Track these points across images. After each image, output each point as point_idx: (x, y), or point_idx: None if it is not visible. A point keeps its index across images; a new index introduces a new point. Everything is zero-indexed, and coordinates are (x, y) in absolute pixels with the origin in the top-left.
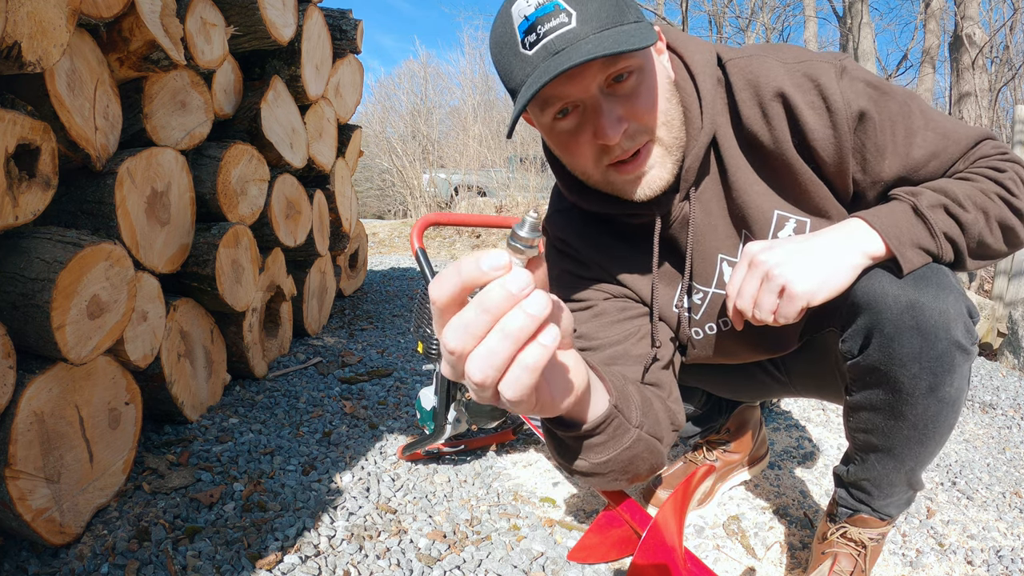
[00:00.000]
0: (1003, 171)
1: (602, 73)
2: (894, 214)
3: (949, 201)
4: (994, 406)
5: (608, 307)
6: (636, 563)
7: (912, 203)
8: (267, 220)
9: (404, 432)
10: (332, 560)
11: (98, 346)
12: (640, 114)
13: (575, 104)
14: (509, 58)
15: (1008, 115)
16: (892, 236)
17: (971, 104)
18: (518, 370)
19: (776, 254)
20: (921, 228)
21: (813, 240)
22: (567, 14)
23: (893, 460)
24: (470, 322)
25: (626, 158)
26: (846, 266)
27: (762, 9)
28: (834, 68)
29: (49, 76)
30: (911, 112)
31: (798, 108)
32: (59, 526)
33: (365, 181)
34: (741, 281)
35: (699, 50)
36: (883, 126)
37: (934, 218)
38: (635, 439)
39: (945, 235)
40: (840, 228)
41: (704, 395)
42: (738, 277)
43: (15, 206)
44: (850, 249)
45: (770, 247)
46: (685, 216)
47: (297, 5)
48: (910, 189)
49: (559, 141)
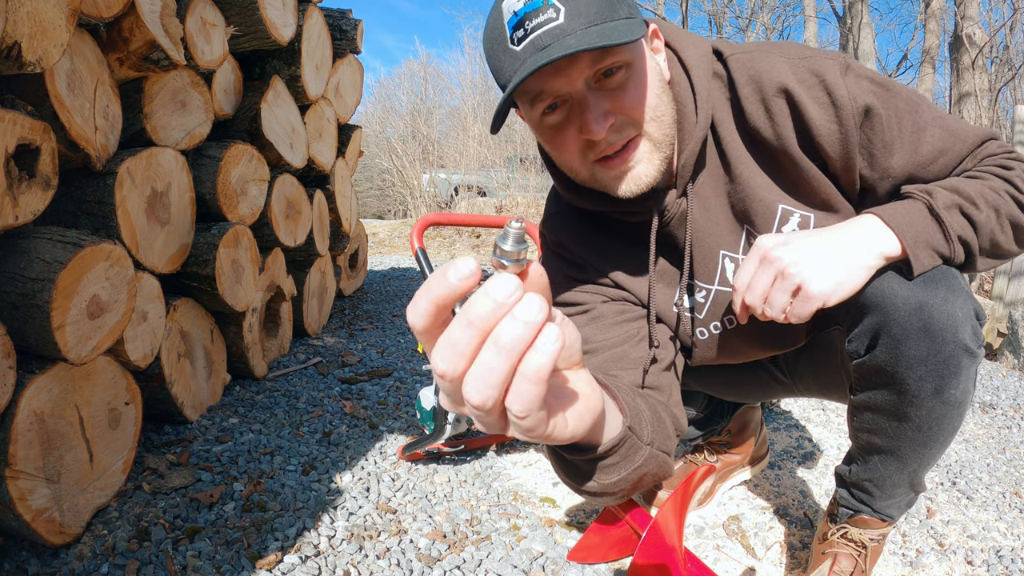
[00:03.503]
0: (1011, 169)
1: (590, 68)
2: (909, 213)
3: (963, 201)
4: (994, 406)
5: (606, 310)
6: (636, 563)
7: (928, 202)
8: (267, 220)
9: (404, 432)
10: (332, 560)
11: (98, 346)
12: (627, 108)
13: (563, 99)
14: (499, 54)
15: (1008, 115)
16: (908, 236)
17: (971, 104)
18: (520, 382)
19: (791, 251)
20: (936, 230)
21: (828, 237)
22: (555, 9)
23: (896, 461)
24: (457, 340)
25: (611, 152)
26: (861, 267)
27: (762, 9)
28: (838, 64)
29: (49, 76)
30: (918, 108)
31: (803, 104)
32: (59, 526)
33: (365, 181)
34: (751, 276)
35: (694, 45)
36: (890, 122)
37: (949, 220)
38: (647, 457)
39: (959, 238)
40: (855, 225)
41: (706, 398)
42: (747, 271)
43: (15, 206)
44: (866, 249)
45: (784, 242)
46: (683, 213)
47: (297, 5)
48: (924, 188)
49: (547, 136)
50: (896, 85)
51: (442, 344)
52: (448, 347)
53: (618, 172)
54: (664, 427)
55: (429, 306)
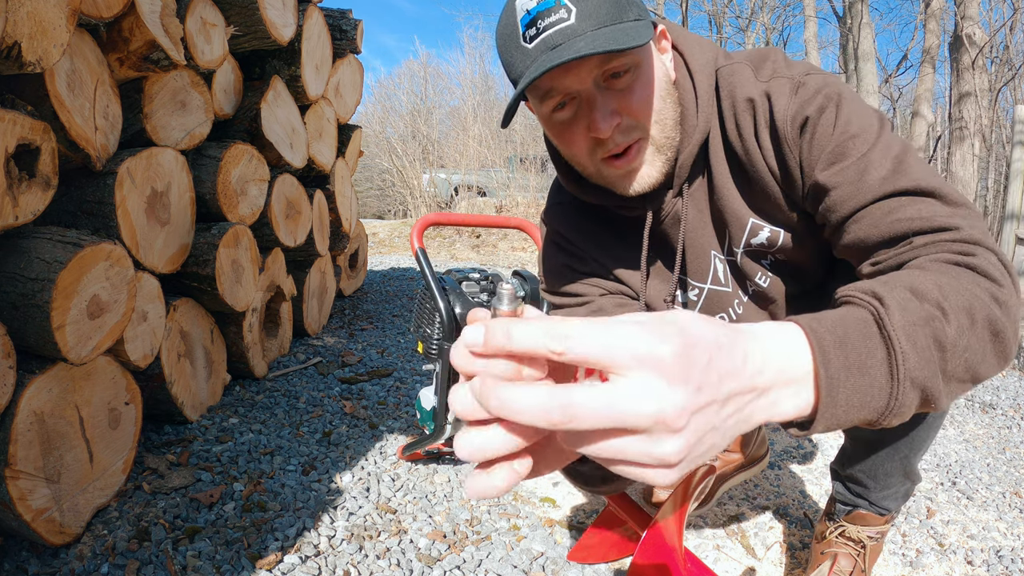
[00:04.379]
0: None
1: (599, 68)
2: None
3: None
4: (994, 406)
5: (604, 303)
6: (636, 563)
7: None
8: (267, 220)
9: (404, 432)
10: (332, 560)
11: (98, 346)
12: (634, 110)
13: (572, 96)
14: (511, 50)
15: (1008, 115)
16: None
17: (971, 104)
18: (502, 469)
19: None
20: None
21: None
22: (567, 10)
23: (885, 448)
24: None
25: (618, 152)
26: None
27: (762, 9)
28: (791, 83)
29: (49, 76)
30: (866, 129)
31: (758, 122)
32: (59, 526)
33: (365, 181)
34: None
35: (701, 51)
36: (825, 129)
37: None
38: None
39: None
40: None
41: None
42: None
43: (15, 206)
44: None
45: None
46: (676, 213)
47: (297, 5)
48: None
49: (556, 131)
50: (855, 106)
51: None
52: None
53: (624, 171)
54: None
55: (465, 369)
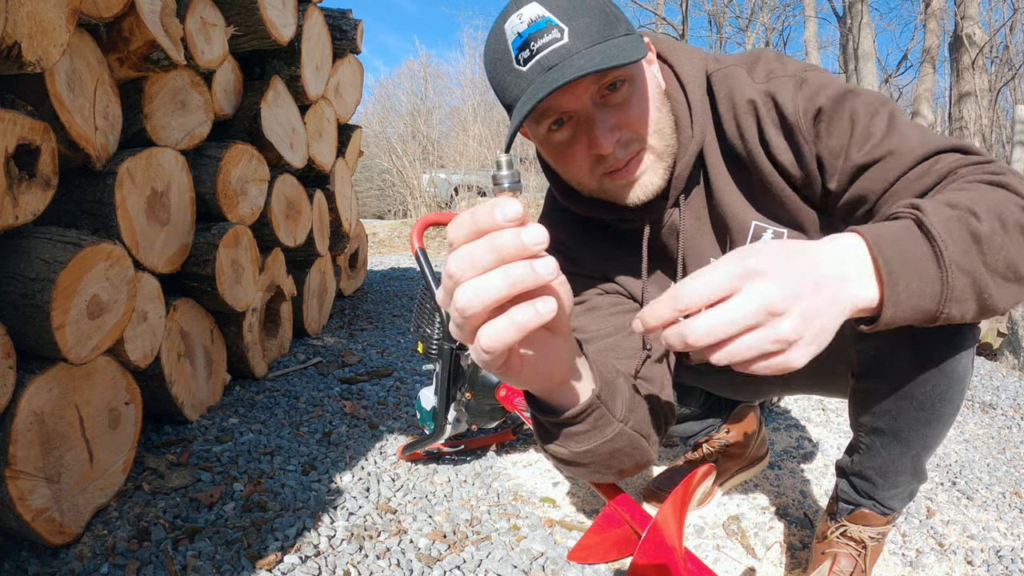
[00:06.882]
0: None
1: (595, 84)
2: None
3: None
4: (994, 406)
5: (601, 302)
6: (636, 563)
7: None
8: (267, 220)
9: (404, 432)
10: (332, 560)
11: (98, 346)
12: (632, 123)
13: (569, 115)
14: (504, 74)
15: (1008, 115)
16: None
17: (971, 104)
18: (505, 322)
19: (793, 300)
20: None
21: (824, 293)
22: (559, 30)
23: (899, 444)
24: (475, 255)
25: (620, 166)
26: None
27: (762, 9)
28: (793, 80)
29: (49, 76)
30: (878, 111)
31: (764, 123)
32: (59, 526)
33: (365, 181)
34: (717, 295)
35: (689, 60)
36: (842, 117)
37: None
38: (617, 432)
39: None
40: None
41: (703, 395)
42: (713, 282)
43: (15, 206)
44: (848, 307)
45: (782, 284)
46: (674, 223)
47: (297, 5)
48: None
49: (554, 153)
50: (864, 91)
51: (462, 252)
52: (466, 256)
53: (626, 182)
54: (642, 408)
55: (470, 232)
